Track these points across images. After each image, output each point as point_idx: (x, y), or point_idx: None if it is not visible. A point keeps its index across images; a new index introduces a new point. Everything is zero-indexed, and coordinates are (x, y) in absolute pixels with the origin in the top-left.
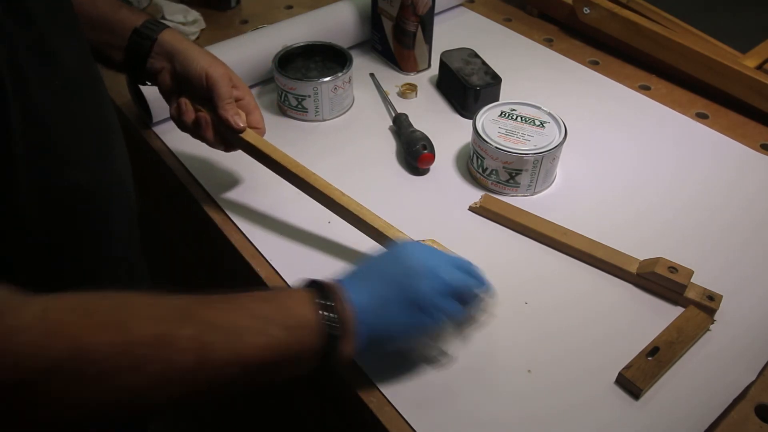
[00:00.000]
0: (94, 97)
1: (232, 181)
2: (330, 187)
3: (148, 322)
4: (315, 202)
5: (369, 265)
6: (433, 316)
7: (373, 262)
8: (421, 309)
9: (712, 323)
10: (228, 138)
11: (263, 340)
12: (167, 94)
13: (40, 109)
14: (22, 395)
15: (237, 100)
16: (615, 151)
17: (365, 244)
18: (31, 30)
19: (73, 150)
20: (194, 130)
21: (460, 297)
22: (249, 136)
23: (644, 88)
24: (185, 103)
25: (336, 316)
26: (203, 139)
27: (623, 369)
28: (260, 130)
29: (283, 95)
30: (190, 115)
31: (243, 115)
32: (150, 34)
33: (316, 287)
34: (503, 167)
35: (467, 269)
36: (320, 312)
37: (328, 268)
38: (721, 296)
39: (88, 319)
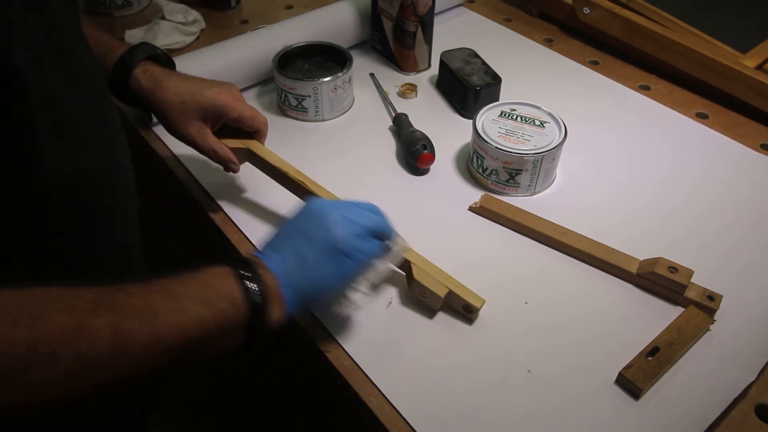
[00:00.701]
0: (101, 87)
1: (232, 181)
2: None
3: (59, 315)
4: None
5: (283, 229)
6: (356, 258)
7: (287, 226)
8: (343, 254)
9: (712, 323)
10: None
11: (181, 319)
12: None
13: (57, 95)
14: None
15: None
16: (615, 151)
17: None
18: (47, 19)
19: (86, 136)
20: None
21: (375, 235)
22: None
23: (644, 88)
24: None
25: (258, 284)
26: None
27: (623, 369)
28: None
29: (283, 95)
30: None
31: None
32: (126, 73)
33: (234, 261)
34: (503, 167)
35: (374, 210)
36: (241, 282)
37: None
38: (721, 296)
39: None
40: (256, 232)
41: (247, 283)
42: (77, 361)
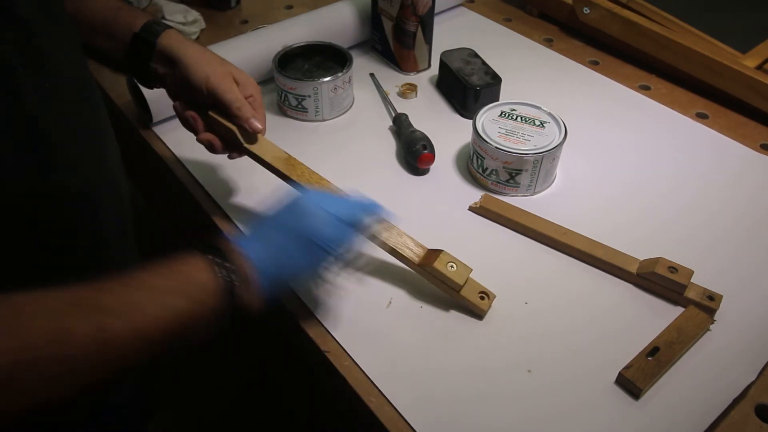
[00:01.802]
0: (86, 99)
1: (232, 181)
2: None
3: (39, 321)
4: None
5: (264, 219)
6: (327, 248)
7: (269, 215)
8: (312, 241)
9: (712, 323)
10: (232, 145)
11: (163, 312)
12: (174, 98)
13: (30, 108)
14: None
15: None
16: (615, 151)
17: None
18: (21, 29)
19: (63, 151)
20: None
21: (349, 224)
22: (254, 146)
23: (644, 88)
24: (193, 118)
25: (233, 274)
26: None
27: (623, 369)
28: (260, 131)
29: (283, 95)
30: (202, 136)
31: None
32: (150, 39)
33: (211, 251)
34: (503, 167)
35: (357, 202)
36: (217, 272)
37: None
38: (721, 296)
39: None
40: None
41: (219, 270)
42: (61, 365)
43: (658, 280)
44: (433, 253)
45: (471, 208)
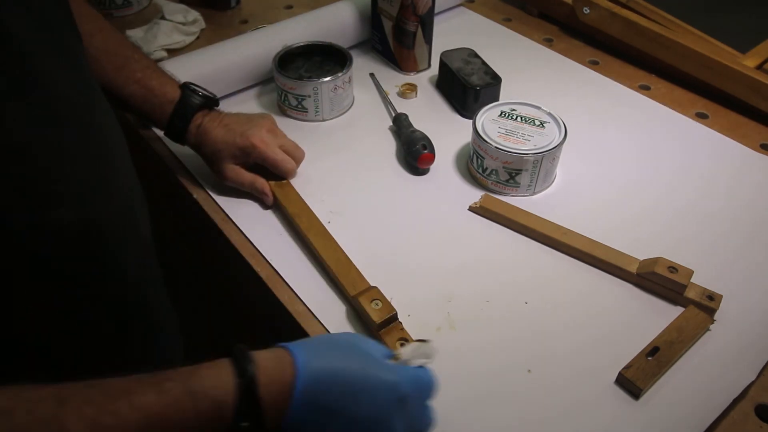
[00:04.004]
0: (90, 122)
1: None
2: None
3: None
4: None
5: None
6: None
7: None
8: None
9: (712, 323)
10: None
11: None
12: None
13: (16, 136)
14: None
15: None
16: (615, 151)
17: (366, 243)
18: (8, 46)
19: (61, 184)
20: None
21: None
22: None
23: (644, 88)
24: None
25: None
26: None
27: (623, 369)
28: (297, 159)
29: (283, 95)
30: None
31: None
32: (184, 125)
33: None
34: (503, 167)
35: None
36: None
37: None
38: (721, 296)
39: None
40: (256, 232)
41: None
42: None
43: (658, 280)
44: (368, 289)
45: (471, 208)
